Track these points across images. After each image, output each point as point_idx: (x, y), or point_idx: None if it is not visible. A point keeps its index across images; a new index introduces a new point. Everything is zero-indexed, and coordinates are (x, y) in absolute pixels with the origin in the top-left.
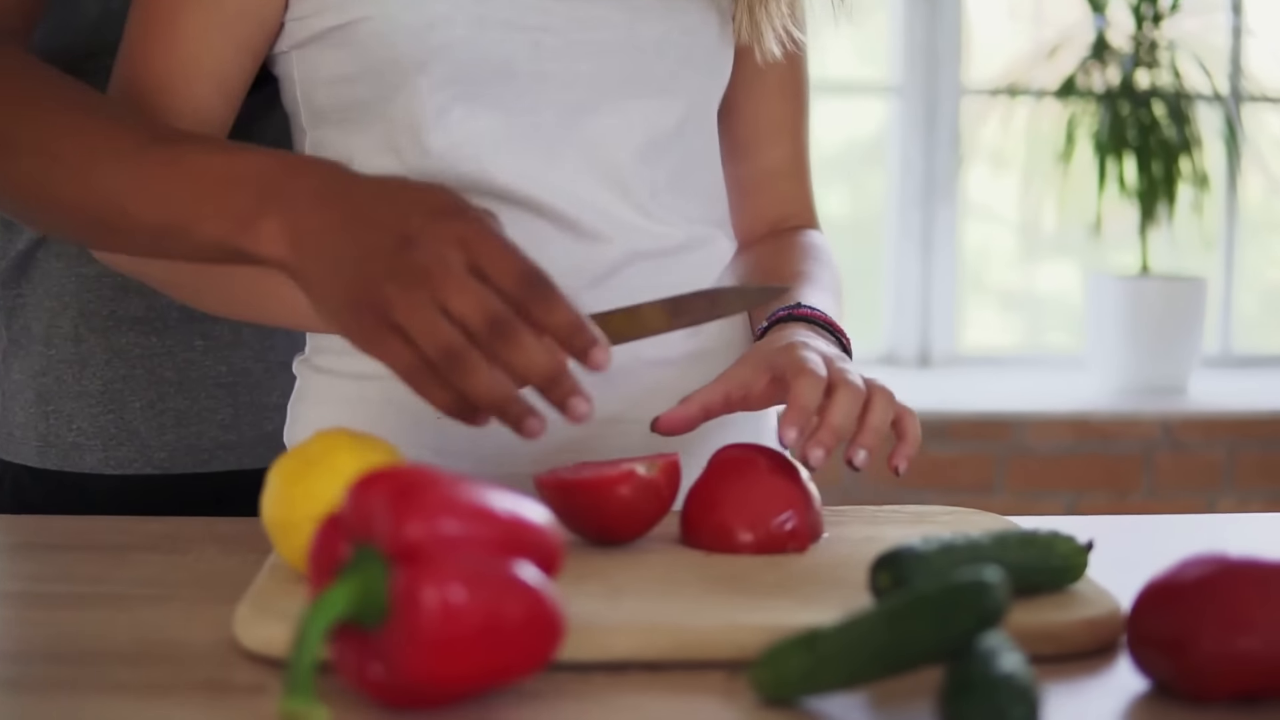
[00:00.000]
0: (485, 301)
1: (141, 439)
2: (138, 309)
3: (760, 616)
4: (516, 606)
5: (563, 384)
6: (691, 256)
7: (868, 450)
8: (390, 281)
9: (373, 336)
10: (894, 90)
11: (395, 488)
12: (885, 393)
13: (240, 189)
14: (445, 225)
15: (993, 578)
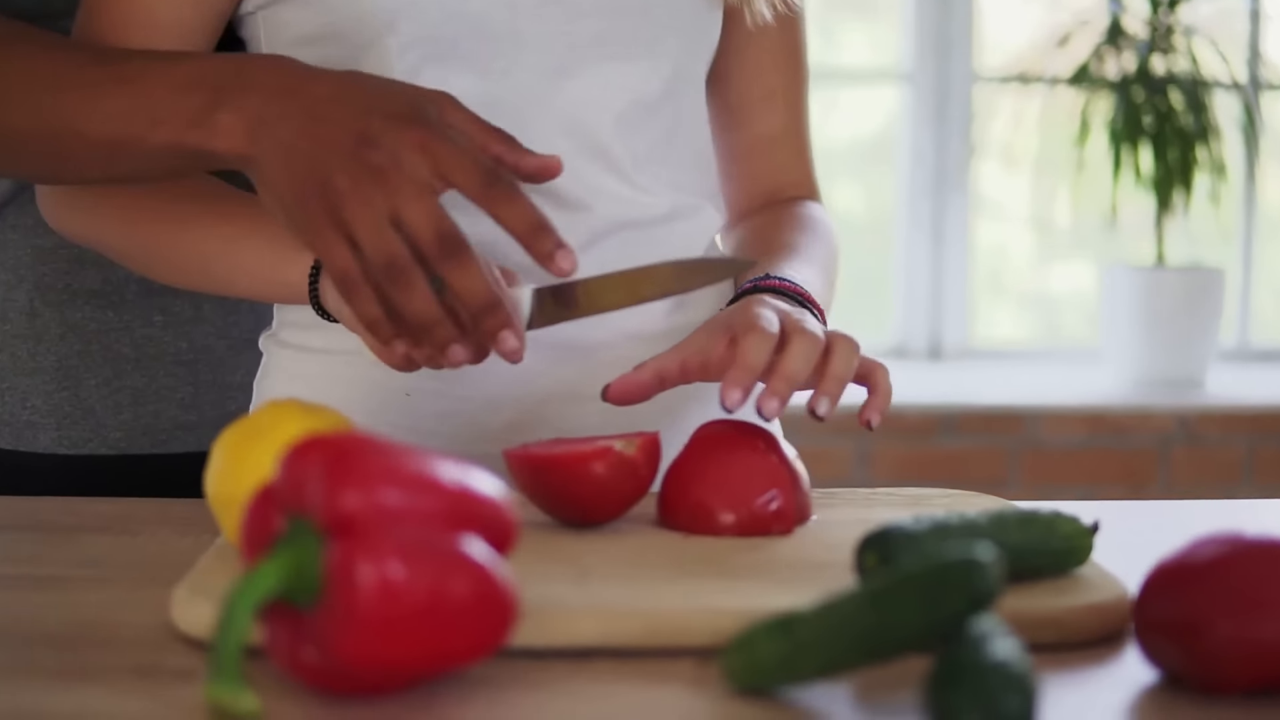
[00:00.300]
0: (437, 215)
1: (97, 418)
2: (94, 282)
3: (736, 600)
4: (463, 585)
5: (498, 314)
6: (677, 227)
7: (830, 398)
8: (344, 176)
9: (318, 230)
10: (905, 78)
11: (330, 455)
12: (848, 341)
13: (196, 90)
14: (407, 129)
15: (985, 555)
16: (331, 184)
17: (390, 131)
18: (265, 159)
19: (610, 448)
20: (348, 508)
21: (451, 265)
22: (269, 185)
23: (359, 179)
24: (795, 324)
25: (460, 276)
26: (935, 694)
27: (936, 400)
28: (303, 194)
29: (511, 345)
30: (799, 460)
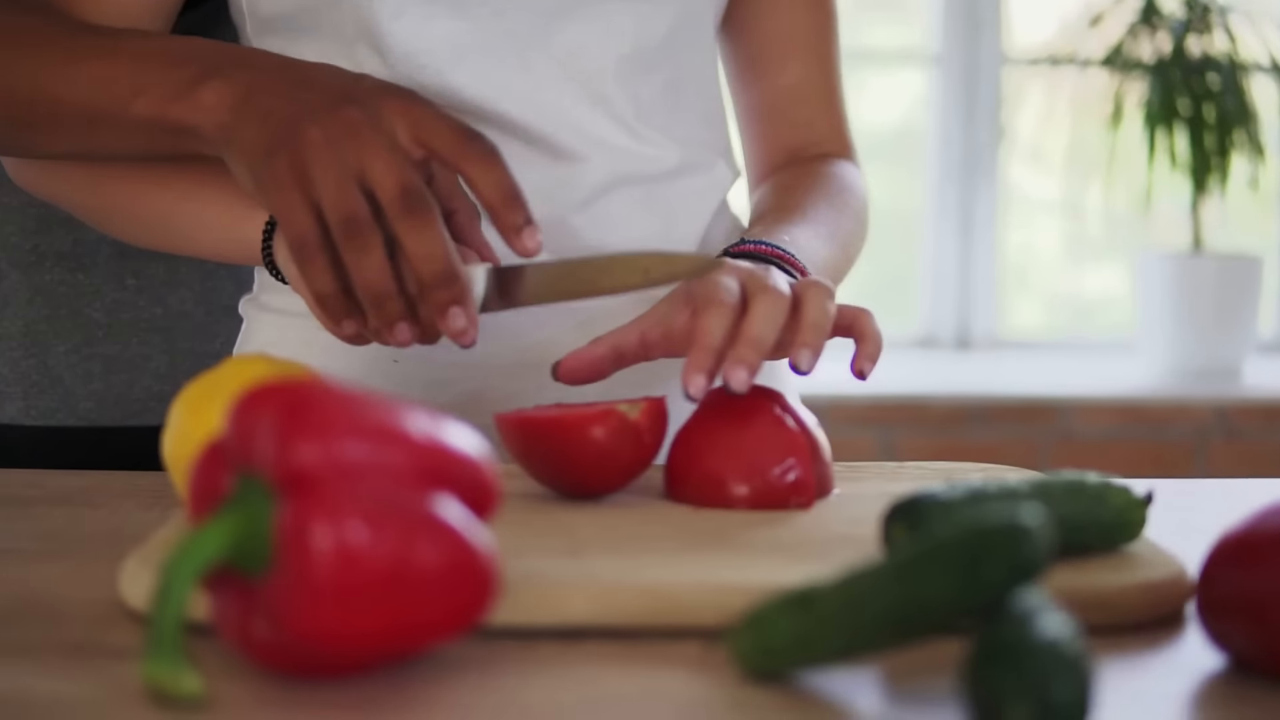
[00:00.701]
0: (405, 172)
1: (65, 387)
2: (64, 243)
3: (747, 575)
4: (432, 551)
5: (451, 287)
6: (686, 183)
7: (810, 349)
8: (317, 128)
9: (281, 188)
10: (932, 60)
11: (284, 404)
12: (817, 287)
13: (185, 64)
14: (393, 95)
15: (1031, 519)
16: (304, 136)
17: (375, 95)
18: (244, 125)
19: (612, 410)
20: (302, 462)
21: (410, 224)
22: (241, 148)
23: (332, 132)
24: (757, 283)
25: (418, 238)
26: (975, 678)
27: (965, 391)
28: (273, 148)
29: (460, 324)
30: (819, 429)
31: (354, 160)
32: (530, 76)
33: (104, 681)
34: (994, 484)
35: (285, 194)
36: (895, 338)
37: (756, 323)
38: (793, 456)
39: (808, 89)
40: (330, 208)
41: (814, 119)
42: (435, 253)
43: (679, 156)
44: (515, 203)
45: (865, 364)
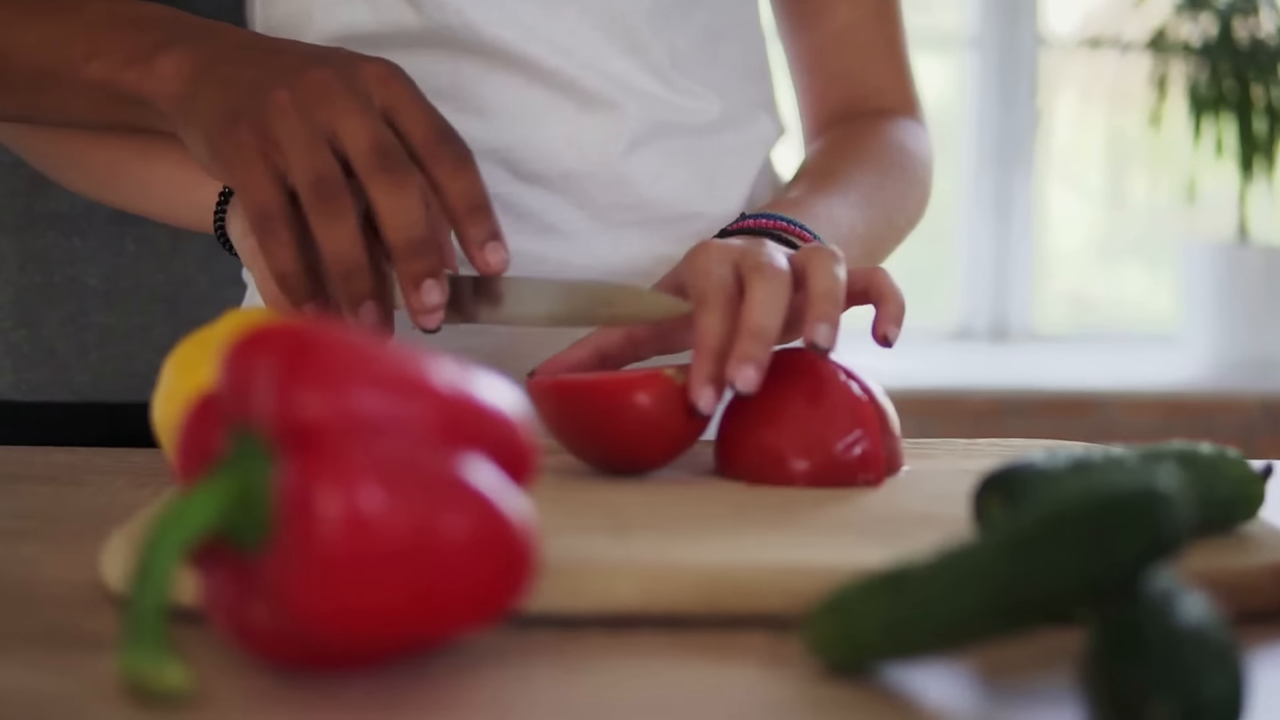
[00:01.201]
0: (380, 130)
1: (60, 359)
2: (58, 205)
3: (819, 555)
4: (460, 521)
5: (427, 256)
6: (727, 137)
7: (826, 322)
8: (284, 90)
9: (243, 155)
10: (968, 43)
11: (286, 347)
12: (821, 252)
13: (143, 30)
14: (373, 63)
15: (1168, 484)
16: (269, 98)
17: (351, 59)
18: (202, 94)
19: (658, 374)
20: (307, 415)
21: (386, 182)
22: (198, 117)
23: (301, 95)
24: (750, 263)
25: (394, 199)
26: (1104, 672)
27: (1001, 384)
28: (235, 113)
29: (434, 299)
30: (887, 398)
31: (324, 120)
32: (558, 18)
33: (79, 674)
34: (1097, 452)
35: (247, 161)
36: (929, 329)
37: (756, 310)
38: (860, 428)
39: (860, 32)
40: (298, 170)
41: (868, 66)
42: (413, 217)
43: (718, 109)
44: (482, 214)
45: (889, 327)
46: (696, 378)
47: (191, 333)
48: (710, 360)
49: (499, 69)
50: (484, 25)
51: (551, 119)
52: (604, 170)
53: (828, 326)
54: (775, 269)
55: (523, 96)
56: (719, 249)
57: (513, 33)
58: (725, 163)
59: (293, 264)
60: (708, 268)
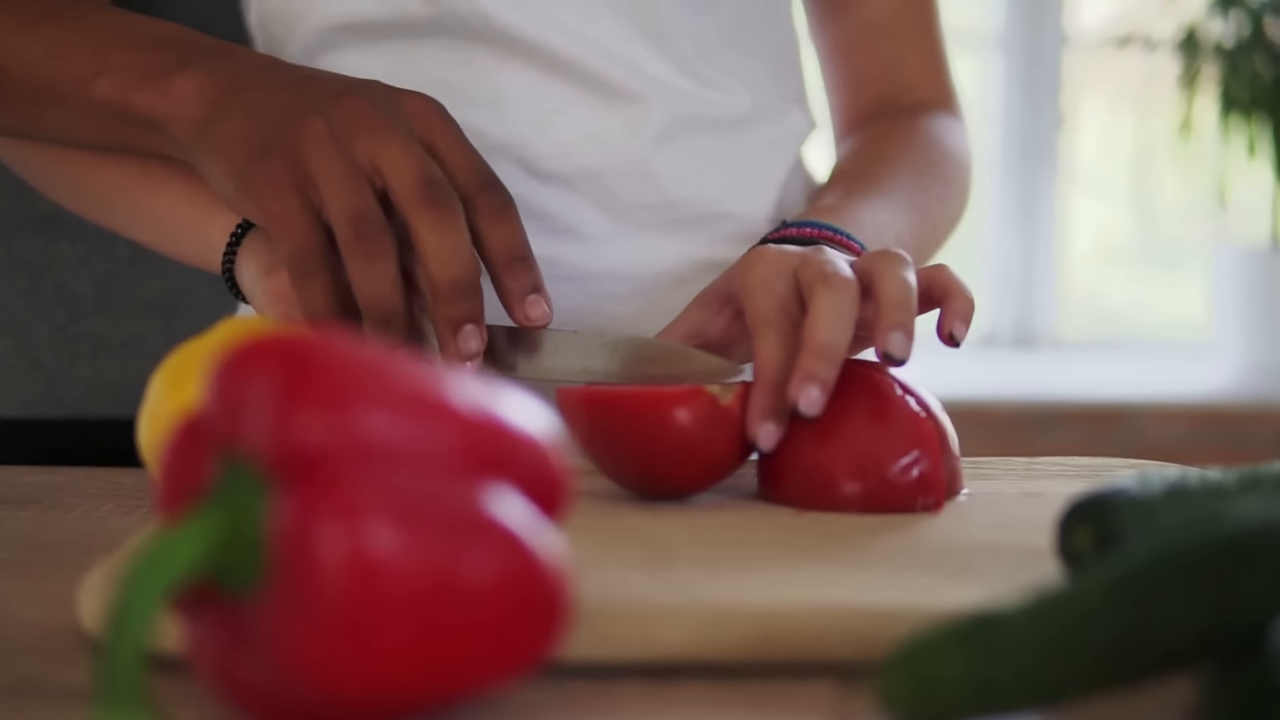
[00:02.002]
0: (426, 163)
1: (48, 373)
2: (46, 207)
3: (885, 595)
4: (484, 563)
5: (471, 299)
6: (757, 133)
7: (902, 332)
8: (320, 119)
9: (276, 190)
10: (993, 41)
11: (284, 361)
12: (888, 257)
13: (159, 48)
14: (414, 97)
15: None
16: (304, 127)
17: (391, 91)
18: (226, 119)
19: (700, 389)
20: (307, 440)
21: (433, 217)
22: (222, 145)
23: (337, 125)
24: (813, 272)
25: (440, 236)
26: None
27: (1027, 393)
28: (267, 144)
29: (473, 346)
30: (945, 414)
31: (364, 153)
32: (577, 5)
33: None
34: (1195, 477)
35: (282, 196)
36: None
37: (822, 325)
38: (918, 448)
39: (894, 22)
40: (336, 207)
41: (903, 57)
42: (460, 256)
43: (748, 103)
44: (524, 265)
45: (957, 325)
46: (755, 411)
47: None
48: (770, 392)
49: (513, 59)
50: (497, 12)
51: (570, 112)
52: (627, 167)
53: (902, 335)
54: (842, 279)
55: (538, 88)
56: (776, 258)
57: (528, 20)
58: (756, 159)
59: (329, 308)
60: (766, 281)
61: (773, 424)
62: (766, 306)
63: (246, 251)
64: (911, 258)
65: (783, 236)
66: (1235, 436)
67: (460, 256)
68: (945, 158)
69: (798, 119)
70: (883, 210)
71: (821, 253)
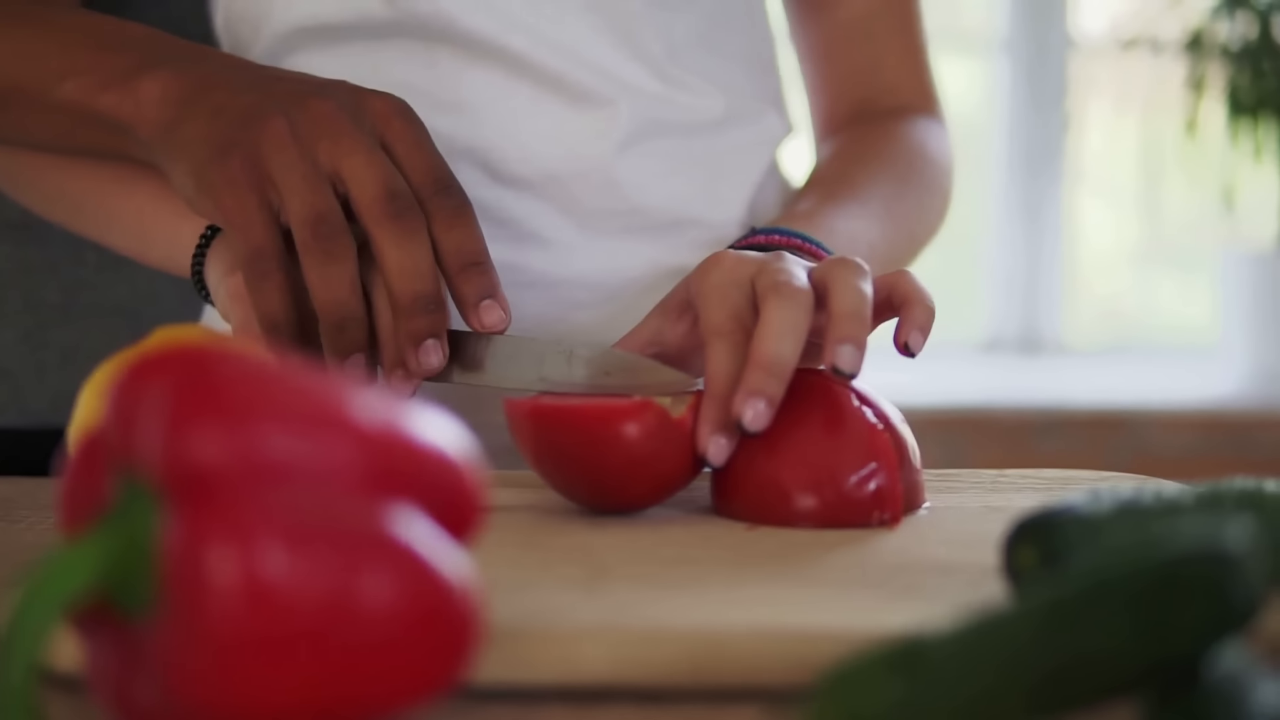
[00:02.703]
0: (389, 172)
1: (15, 381)
2: (11, 212)
3: (824, 616)
4: (384, 583)
5: (433, 314)
6: (729, 136)
7: (851, 344)
8: (282, 119)
9: (233, 186)
10: (996, 45)
11: (178, 375)
12: (849, 265)
13: (125, 50)
14: (380, 98)
15: (1237, 542)
16: (265, 128)
17: (356, 92)
18: (190, 121)
19: (650, 402)
20: (199, 458)
21: (396, 230)
22: (185, 146)
23: (300, 126)
24: (766, 281)
25: (403, 247)
26: None
27: (1032, 400)
28: (227, 144)
29: (434, 362)
30: (906, 425)
31: (327, 156)
32: (543, 6)
33: None
34: (1149, 494)
35: (239, 196)
36: (957, 341)
37: (770, 338)
38: (875, 460)
39: (874, 23)
40: (295, 207)
41: (883, 59)
42: (422, 269)
43: (721, 106)
44: (478, 270)
45: (914, 334)
46: (705, 424)
47: None
48: (721, 404)
49: (478, 62)
50: (461, 14)
51: (535, 116)
52: (593, 172)
53: (852, 349)
54: (794, 288)
55: (503, 91)
56: (733, 264)
57: (493, 22)
58: (727, 164)
59: (283, 310)
60: (720, 289)
61: (723, 438)
62: (719, 316)
63: (214, 253)
64: (884, 266)
65: (751, 244)
66: (1241, 444)
67: (422, 271)
68: (925, 163)
69: (773, 121)
70: (857, 218)
71: (780, 260)
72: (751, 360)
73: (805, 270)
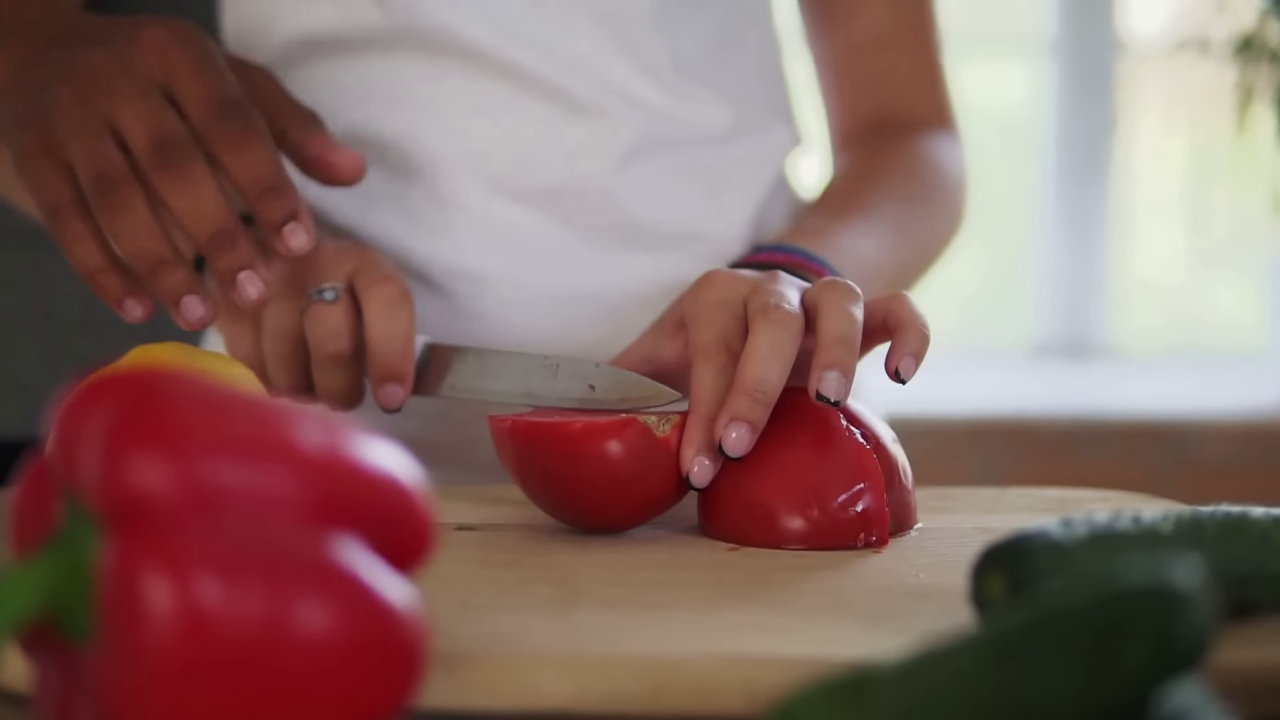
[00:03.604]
0: (159, 118)
1: (33, 394)
2: (30, 221)
3: (788, 644)
4: (322, 612)
5: (234, 249)
6: (735, 149)
7: (837, 369)
8: (64, 84)
9: (27, 159)
10: (1044, 48)
11: (121, 401)
12: (840, 288)
13: None
14: (149, 30)
15: (1187, 579)
16: (52, 97)
17: (129, 32)
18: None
19: (634, 420)
20: (137, 485)
21: (169, 180)
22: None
23: (80, 85)
24: (757, 303)
25: (180, 196)
26: None
27: (1076, 408)
28: (23, 120)
29: (301, 240)
30: (899, 446)
31: (104, 111)
32: (545, 16)
33: None
34: (1127, 520)
35: (34, 162)
36: (1001, 348)
37: (755, 362)
38: (862, 481)
39: (890, 35)
40: (80, 169)
41: (899, 72)
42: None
43: (728, 118)
44: (276, 195)
45: (906, 361)
46: (689, 445)
47: None
48: (705, 426)
49: (480, 74)
50: (463, 26)
51: (536, 129)
52: (591, 186)
53: (838, 375)
54: (783, 311)
55: (506, 105)
56: (725, 284)
57: (494, 34)
58: (731, 177)
59: (96, 258)
60: (710, 309)
61: (707, 459)
62: (706, 337)
63: None
64: (891, 284)
65: (753, 261)
66: None
67: (206, 212)
68: (937, 178)
69: (781, 134)
70: (864, 236)
71: (773, 280)
72: (736, 385)
73: (798, 292)
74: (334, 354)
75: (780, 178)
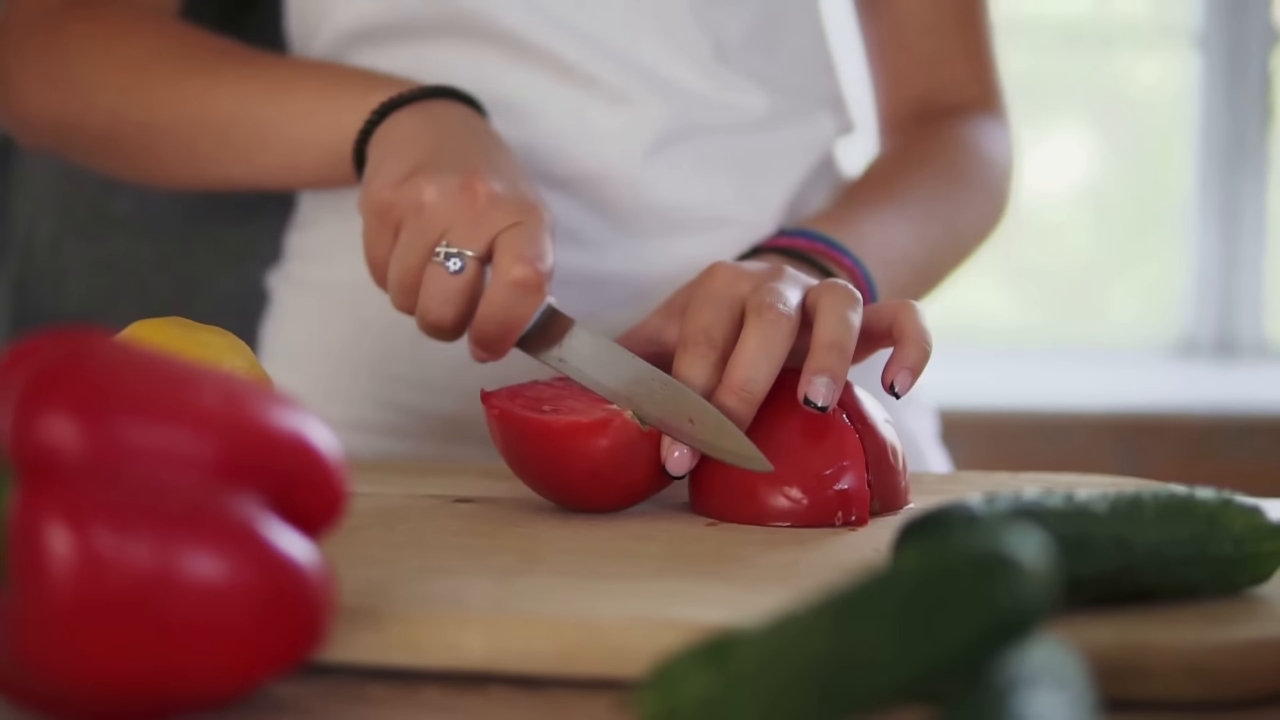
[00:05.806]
0: None
1: None
2: (127, 207)
3: (706, 613)
4: (216, 562)
5: None
6: (775, 136)
7: (826, 375)
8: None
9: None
10: (1194, 37)
11: (43, 363)
12: (839, 291)
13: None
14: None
15: (1024, 549)
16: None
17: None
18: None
19: (620, 415)
20: (46, 440)
21: None
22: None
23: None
24: (755, 300)
25: None
26: None
27: (1224, 403)
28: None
29: None
30: (891, 427)
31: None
32: (585, 5)
33: None
34: (1060, 497)
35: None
36: (1149, 343)
37: (743, 362)
38: (845, 459)
39: (936, 18)
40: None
41: (944, 55)
42: None
43: (769, 104)
44: None
45: (901, 375)
46: (668, 438)
47: None
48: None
49: (520, 61)
50: (504, 13)
51: (572, 115)
52: (622, 173)
53: (827, 381)
54: (778, 312)
55: (544, 91)
56: (727, 278)
57: (534, 21)
58: (767, 164)
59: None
60: (708, 299)
61: (684, 450)
62: (690, 327)
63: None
64: (921, 271)
65: (773, 245)
66: None
67: None
68: (977, 163)
69: (824, 122)
70: (895, 221)
71: (776, 277)
72: (724, 383)
73: (800, 290)
74: (436, 322)
75: (824, 164)
